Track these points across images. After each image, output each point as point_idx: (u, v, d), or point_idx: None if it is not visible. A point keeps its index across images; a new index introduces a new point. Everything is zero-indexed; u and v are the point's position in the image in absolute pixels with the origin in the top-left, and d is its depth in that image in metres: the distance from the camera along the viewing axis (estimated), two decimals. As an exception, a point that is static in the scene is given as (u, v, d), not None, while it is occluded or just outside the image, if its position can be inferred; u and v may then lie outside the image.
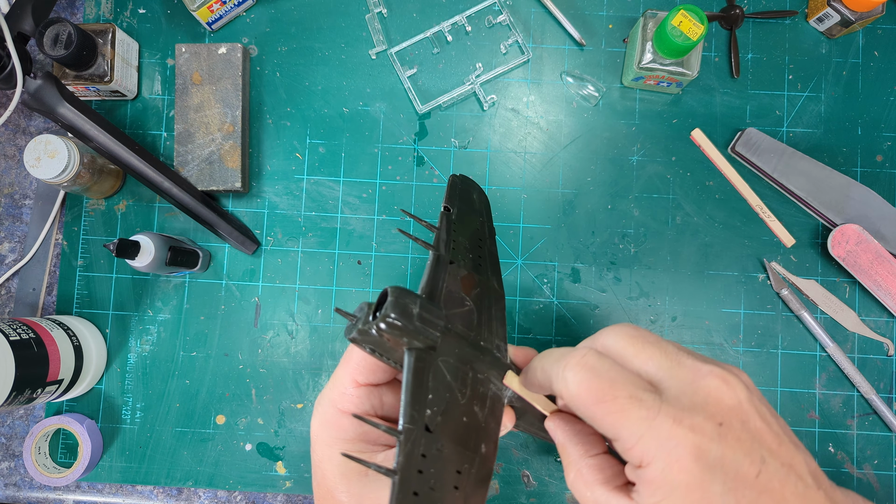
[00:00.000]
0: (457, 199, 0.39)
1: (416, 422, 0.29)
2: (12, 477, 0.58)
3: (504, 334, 0.36)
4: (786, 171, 0.58)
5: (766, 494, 0.26)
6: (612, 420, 0.27)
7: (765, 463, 0.26)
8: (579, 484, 0.31)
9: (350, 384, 0.35)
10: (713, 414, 0.27)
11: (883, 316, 0.58)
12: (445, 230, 0.37)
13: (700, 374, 0.28)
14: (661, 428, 0.26)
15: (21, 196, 0.60)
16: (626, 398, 0.27)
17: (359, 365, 0.34)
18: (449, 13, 0.60)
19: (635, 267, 0.59)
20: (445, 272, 0.35)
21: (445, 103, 0.60)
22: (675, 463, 0.26)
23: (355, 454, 0.34)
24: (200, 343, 0.58)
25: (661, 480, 0.26)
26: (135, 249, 0.51)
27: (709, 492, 0.26)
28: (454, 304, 0.34)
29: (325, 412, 0.35)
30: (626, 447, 0.27)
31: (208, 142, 0.57)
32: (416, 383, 0.30)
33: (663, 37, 0.53)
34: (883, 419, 0.57)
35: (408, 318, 0.30)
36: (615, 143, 0.60)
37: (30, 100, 0.51)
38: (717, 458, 0.26)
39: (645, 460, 0.27)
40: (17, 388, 0.47)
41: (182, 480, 0.57)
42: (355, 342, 0.32)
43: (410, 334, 0.31)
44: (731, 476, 0.26)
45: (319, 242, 0.59)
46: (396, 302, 0.30)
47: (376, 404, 0.36)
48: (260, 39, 0.61)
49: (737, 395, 0.27)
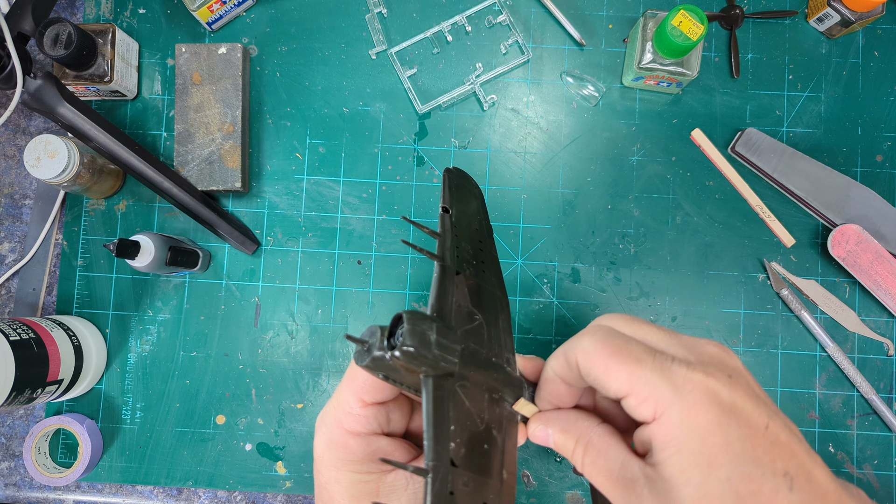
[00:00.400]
0: (454, 197, 0.37)
1: (441, 457, 0.28)
2: (12, 477, 0.58)
3: (512, 345, 0.35)
4: (786, 172, 0.58)
5: (777, 446, 0.26)
6: (627, 369, 0.27)
7: (771, 418, 0.27)
8: (593, 457, 0.30)
9: (357, 404, 0.33)
10: (720, 368, 0.28)
11: (883, 316, 0.58)
12: (448, 236, 0.35)
13: (700, 344, 0.29)
14: (677, 374, 0.27)
15: (21, 196, 0.60)
16: (640, 351, 0.28)
17: (365, 384, 0.33)
18: (449, 13, 0.60)
19: (635, 267, 0.59)
20: (453, 285, 0.33)
21: (445, 103, 0.60)
22: (693, 406, 0.26)
23: (363, 475, 0.33)
24: (200, 343, 0.58)
25: (678, 428, 0.26)
26: (135, 249, 0.51)
27: (728, 435, 0.26)
28: (464, 319, 0.33)
29: (330, 433, 0.34)
30: (640, 399, 0.27)
31: (208, 142, 0.57)
32: (437, 415, 0.29)
33: (663, 37, 0.53)
34: (883, 419, 0.57)
35: (426, 347, 0.28)
36: (615, 143, 0.60)
37: (30, 100, 0.51)
38: (731, 404, 0.26)
39: (659, 410, 0.27)
40: (17, 388, 0.47)
41: (182, 480, 0.57)
42: (368, 370, 0.30)
43: (428, 363, 0.29)
44: (745, 422, 0.26)
45: (319, 242, 0.59)
46: (413, 330, 0.28)
47: (383, 422, 0.34)
48: (260, 39, 0.61)
49: (736, 360, 0.29)
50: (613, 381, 0.28)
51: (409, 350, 0.28)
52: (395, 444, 0.35)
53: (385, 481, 0.33)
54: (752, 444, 0.26)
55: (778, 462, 0.26)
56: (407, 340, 0.28)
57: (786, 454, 0.26)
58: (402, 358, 0.28)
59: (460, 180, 0.38)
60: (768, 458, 0.26)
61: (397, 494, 0.33)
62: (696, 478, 0.26)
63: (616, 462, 0.29)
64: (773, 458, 0.26)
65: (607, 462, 0.29)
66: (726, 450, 0.26)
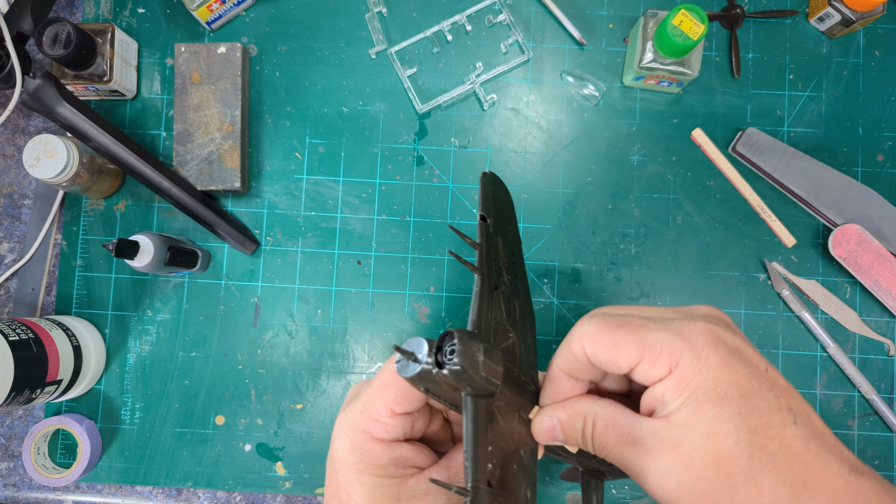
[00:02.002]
0: (491, 205, 0.36)
1: (480, 479, 0.28)
2: (11, 477, 0.58)
3: (535, 361, 0.35)
4: (786, 171, 0.58)
5: (777, 388, 0.28)
6: (635, 337, 0.29)
7: (769, 365, 0.29)
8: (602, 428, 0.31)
9: (386, 413, 0.33)
10: (718, 320, 0.30)
11: (884, 316, 0.58)
12: (487, 247, 0.35)
13: (691, 307, 0.31)
14: (681, 326, 0.29)
15: (20, 196, 0.60)
16: (640, 319, 0.29)
17: (398, 395, 0.33)
18: (449, 12, 0.60)
19: (636, 267, 0.58)
20: (491, 301, 0.34)
21: (445, 103, 0.59)
22: (703, 349, 0.28)
23: (385, 479, 0.34)
24: (200, 343, 0.58)
25: (691, 371, 0.28)
26: (134, 249, 0.51)
27: (736, 372, 0.28)
28: (499, 338, 0.33)
29: (355, 437, 0.34)
30: (654, 357, 0.28)
31: (207, 141, 0.57)
32: (478, 436, 0.29)
33: (664, 36, 0.52)
34: (884, 419, 0.57)
35: (474, 368, 0.29)
36: (615, 142, 0.59)
37: (29, 99, 0.51)
38: (734, 346, 0.28)
39: (673, 360, 0.28)
40: (17, 389, 0.47)
41: (181, 481, 0.57)
42: (411, 382, 0.30)
43: (473, 384, 0.29)
44: (748, 363, 0.28)
45: (319, 242, 0.59)
46: (465, 351, 0.29)
47: (408, 430, 0.35)
48: (259, 39, 0.60)
49: (728, 318, 0.31)
50: (622, 353, 0.29)
51: (458, 370, 0.29)
52: (417, 449, 0.35)
53: (406, 486, 0.34)
54: (757, 382, 0.28)
55: (782, 399, 0.28)
56: (457, 360, 0.29)
57: (787, 394, 0.28)
58: (451, 377, 0.29)
59: (496, 187, 0.38)
60: (772, 394, 0.28)
61: (417, 499, 0.33)
62: (710, 412, 0.27)
63: (625, 427, 0.30)
64: (777, 394, 0.28)
65: (617, 429, 0.30)
66: (736, 385, 0.27)
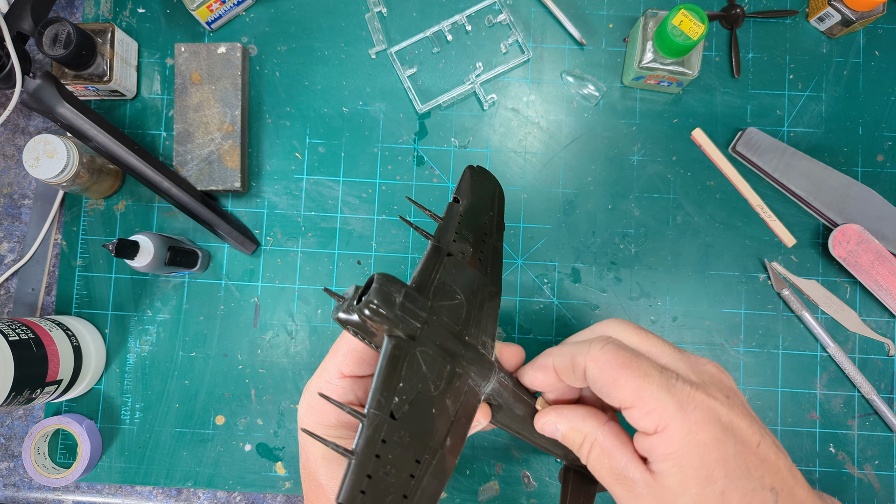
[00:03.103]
0: (468, 191, 0.39)
1: (382, 408, 0.30)
2: (11, 477, 0.58)
3: (493, 332, 0.37)
4: (786, 171, 0.58)
5: (766, 463, 0.29)
6: (635, 383, 0.29)
7: (762, 437, 0.29)
8: (598, 454, 0.32)
9: (336, 375, 0.36)
10: (720, 388, 0.30)
11: (884, 316, 0.58)
12: (449, 221, 0.37)
13: (700, 363, 0.31)
14: (681, 391, 0.29)
15: (20, 196, 0.60)
16: (648, 366, 0.30)
17: (346, 357, 0.36)
18: (449, 12, 0.60)
19: (636, 267, 0.58)
20: (441, 264, 0.35)
21: (445, 103, 0.59)
22: (695, 424, 0.28)
23: (335, 439, 0.35)
24: (200, 343, 0.58)
25: (679, 443, 0.28)
26: (134, 249, 0.51)
27: (725, 452, 0.28)
28: (444, 296, 0.35)
29: (310, 398, 0.36)
30: (644, 412, 0.29)
31: (207, 141, 0.57)
32: (388, 370, 0.31)
33: (664, 36, 0.52)
34: (884, 419, 0.57)
35: (389, 307, 0.31)
36: (615, 142, 0.59)
37: (29, 99, 0.51)
38: (729, 423, 0.29)
39: (661, 424, 0.28)
40: (17, 389, 0.47)
41: (181, 481, 0.57)
42: (339, 322, 0.33)
43: (391, 322, 0.31)
44: (740, 440, 0.29)
45: (319, 242, 0.59)
46: (380, 289, 0.31)
47: (361, 395, 0.37)
48: (259, 39, 0.60)
49: (732, 381, 0.32)
50: (620, 392, 0.29)
51: (373, 306, 0.31)
52: None
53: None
54: (745, 461, 0.28)
55: (766, 478, 0.28)
56: (371, 297, 0.31)
57: (772, 470, 0.29)
58: (368, 315, 0.31)
59: (480, 177, 0.40)
60: (758, 473, 0.28)
61: None
62: (693, 489, 0.28)
63: (620, 462, 0.31)
64: (763, 473, 0.28)
65: (611, 461, 0.31)
66: (723, 465, 0.28)
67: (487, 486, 0.57)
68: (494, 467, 0.57)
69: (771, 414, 0.57)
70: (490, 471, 0.57)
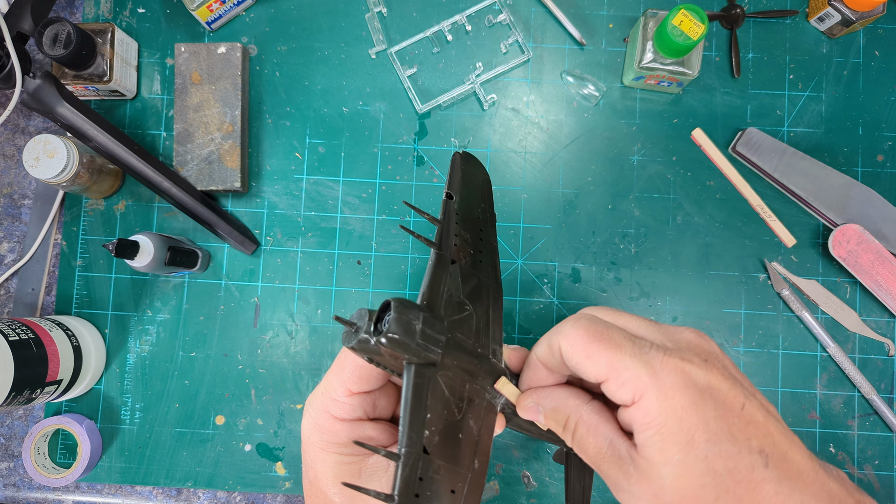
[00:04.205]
0: (459, 183, 0.37)
1: (414, 444, 0.29)
2: (11, 477, 0.58)
3: (500, 336, 0.35)
4: (786, 171, 0.58)
5: (752, 425, 0.27)
6: (607, 354, 0.28)
7: (748, 399, 0.28)
8: (583, 432, 0.31)
9: (343, 393, 0.35)
10: (697, 353, 0.29)
11: (884, 316, 0.58)
12: (447, 224, 0.35)
13: (678, 331, 0.31)
14: (654, 358, 0.28)
15: (20, 196, 0.60)
16: (620, 337, 0.29)
17: (353, 375, 0.34)
18: (449, 12, 0.60)
19: (636, 267, 0.58)
20: (447, 273, 0.34)
21: (445, 103, 0.59)
22: (670, 389, 0.27)
23: (346, 457, 0.35)
24: (200, 343, 0.58)
25: (656, 410, 0.27)
26: (134, 249, 0.51)
27: (704, 415, 0.27)
28: (454, 309, 0.33)
29: (317, 417, 0.35)
30: (619, 383, 0.28)
31: (207, 141, 0.57)
32: (415, 403, 0.30)
33: (664, 36, 0.52)
34: (884, 419, 0.57)
35: (410, 336, 0.29)
36: (615, 142, 0.59)
37: (29, 99, 0.51)
38: (707, 386, 0.28)
39: (638, 392, 0.28)
40: (17, 389, 0.47)
41: (181, 481, 0.57)
42: (354, 351, 0.31)
43: (412, 351, 0.30)
44: (720, 403, 0.27)
45: (319, 242, 0.59)
46: (399, 319, 0.29)
47: (369, 409, 0.36)
48: (259, 39, 0.60)
49: (713, 346, 0.30)
50: (593, 366, 0.29)
51: (394, 338, 0.29)
52: (380, 428, 0.36)
53: (367, 463, 0.35)
54: (727, 424, 0.27)
55: (753, 440, 0.27)
56: (392, 328, 0.29)
57: (761, 433, 0.27)
58: (387, 344, 0.29)
59: (468, 165, 0.38)
60: (744, 436, 0.27)
61: (378, 475, 0.34)
62: (675, 456, 0.27)
63: (605, 440, 0.30)
64: (749, 436, 0.27)
65: (596, 439, 0.30)
66: (703, 429, 0.27)
67: (487, 486, 0.57)
68: (494, 467, 0.57)
69: (771, 414, 0.57)
70: (490, 471, 0.57)
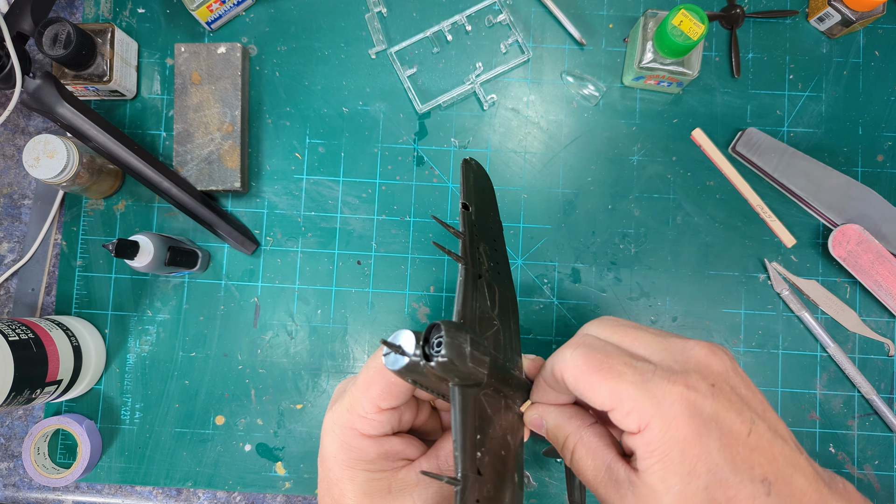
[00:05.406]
0: (473, 192, 0.37)
1: (470, 468, 0.29)
2: (11, 477, 0.58)
3: (519, 346, 0.35)
4: (786, 171, 0.58)
5: (758, 452, 0.27)
6: (609, 385, 0.28)
7: (754, 423, 0.28)
8: (583, 454, 0.31)
9: (372, 410, 0.34)
10: (705, 376, 0.28)
11: (884, 316, 0.58)
12: (469, 236, 0.35)
13: (688, 346, 0.30)
14: (656, 387, 0.28)
15: (20, 196, 0.60)
16: (621, 364, 0.29)
17: (382, 391, 0.33)
18: (449, 12, 0.60)
19: (636, 267, 0.58)
20: (475, 290, 0.34)
21: (445, 103, 0.59)
22: (673, 420, 0.27)
23: (376, 473, 0.34)
24: (200, 343, 0.58)
25: (659, 440, 0.27)
26: (134, 249, 0.51)
27: (707, 446, 0.27)
28: (484, 326, 0.33)
29: (344, 434, 0.34)
30: (623, 413, 0.28)
31: (207, 141, 0.57)
32: (467, 425, 0.30)
33: (664, 36, 0.52)
34: (884, 419, 0.57)
35: (462, 360, 0.29)
36: (615, 142, 0.59)
37: (29, 99, 0.51)
38: (712, 415, 0.27)
39: (642, 422, 0.27)
40: (16, 389, 0.47)
41: (181, 481, 0.57)
42: (399, 374, 0.31)
43: (461, 374, 0.30)
44: (726, 432, 0.27)
45: (319, 242, 0.59)
46: (452, 343, 0.29)
47: (395, 424, 0.35)
48: (259, 39, 0.60)
49: (724, 363, 0.29)
50: (597, 397, 0.29)
51: (446, 361, 0.29)
52: (406, 441, 0.36)
53: (397, 478, 0.34)
54: (731, 453, 0.27)
55: (756, 468, 0.27)
56: (445, 352, 0.29)
57: (766, 459, 0.27)
58: (439, 369, 0.29)
59: (479, 174, 0.38)
60: (747, 465, 0.27)
61: (408, 490, 0.34)
62: (676, 486, 0.27)
63: (603, 463, 0.30)
64: (752, 464, 0.27)
65: (594, 462, 0.30)
66: (706, 459, 0.27)
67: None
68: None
69: (771, 414, 0.57)
70: (490, 471, 0.57)
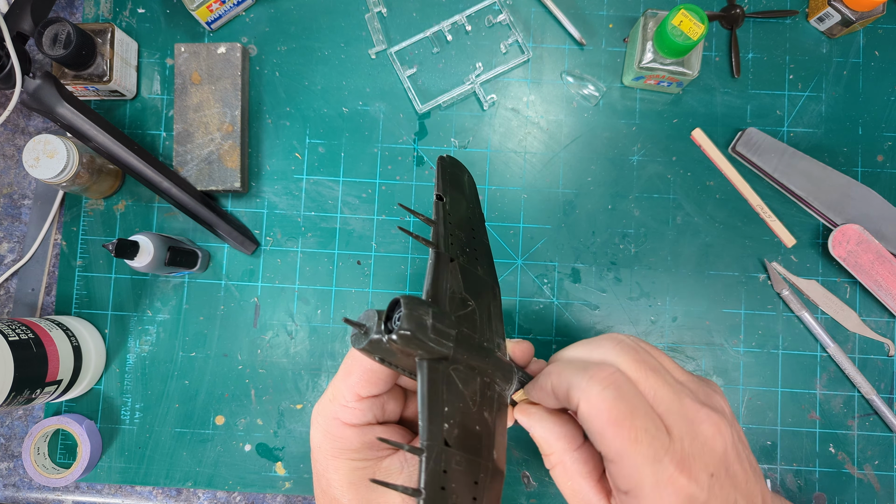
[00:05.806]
0: (448, 185, 0.38)
1: (435, 437, 0.29)
2: (11, 477, 0.58)
3: (502, 330, 0.36)
4: (786, 171, 0.58)
5: None
6: (622, 445, 0.28)
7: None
8: (562, 476, 0.32)
9: (352, 398, 0.34)
10: (707, 464, 0.29)
11: (884, 316, 0.58)
12: (443, 223, 0.36)
13: (698, 419, 0.30)
14: (663, 472, 0.28)
15: (20, 196, 0.60)
16: (641, 429, 0.28)
17: (361, 378, 0.34)
18: (449, 12, 0.60)
19: (636, 267, 0.58)
20: (448, 272, 0.34)
21: (445, 103, 0.59)
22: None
23: (360, 462, 0.34)
24: (199, 343, 0.58)
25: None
26: (134, 249, 0.51)
27: None
28: (457, 305, 0.34)
29: (327, 424, 0.35)
30: (622, 473, 0.28)
31: (207, 142, 0.57)
32: (432, 397, 0.30)
33: (664, 36, 0.52)
34: (884, 420, 0.57)
35: (422, 331, 0.29)
36: (615, 142, 0.59)
37: (29, 99, 0.51)
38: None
39: (634, 491, 0.28)
40: (16, 389, 0.47)
41: (181, 481, 0.57)
42: (365, 353, 0.31)
43: (424, 347, 0.30)
44: None
45: (319, 242, 0.59)
46: (410, 315, 0.29)
47: (378, 413, 0.35)
48: (259, 39, 0.60)
49: (724, 441, 0.30)
50: (604, 446, 0.29)
51: (406, 334, 0.29)
52: (391, 431, 0.36)
53: (381, 466, 0.35)
54: None
55: None
56: (404, 324, 0.29)
57: None
58: (400, 342, 0.29)
59: (454, 169, 0.39)
60: None
61: (393, 478, 0.34)
62: None
63: (581, 492, 0.31)
64: None
65: (574, 487, 0.32)
66: None
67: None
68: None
69: (771, 414, 0.57)
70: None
